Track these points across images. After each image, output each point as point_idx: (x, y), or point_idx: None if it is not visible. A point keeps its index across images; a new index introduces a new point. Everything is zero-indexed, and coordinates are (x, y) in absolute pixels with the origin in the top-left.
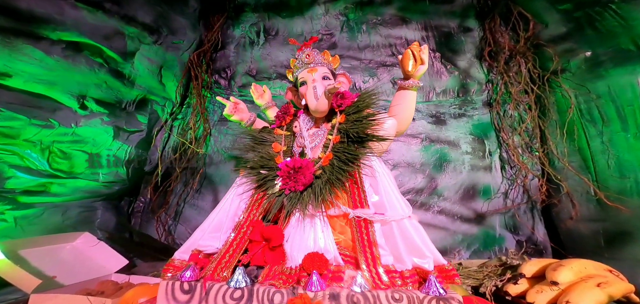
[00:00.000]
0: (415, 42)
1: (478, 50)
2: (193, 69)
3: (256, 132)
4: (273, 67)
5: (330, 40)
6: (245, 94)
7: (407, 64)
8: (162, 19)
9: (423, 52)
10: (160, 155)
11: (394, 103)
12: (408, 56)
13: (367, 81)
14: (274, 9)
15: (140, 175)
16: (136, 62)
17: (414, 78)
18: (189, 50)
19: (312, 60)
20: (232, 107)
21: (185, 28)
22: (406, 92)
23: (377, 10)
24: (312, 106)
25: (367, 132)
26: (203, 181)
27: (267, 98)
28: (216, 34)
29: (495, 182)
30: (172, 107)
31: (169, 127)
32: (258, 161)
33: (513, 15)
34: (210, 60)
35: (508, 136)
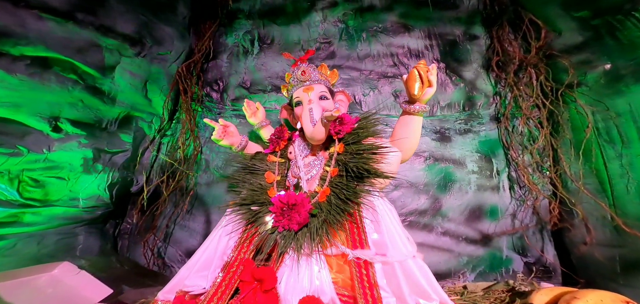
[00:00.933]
0: (422, 61)
1: (485, 59)
2: (182, 82)
3: (248, 158)
4: (268, 79)
5: (328, 49)
6: (238, 108)
7: (413, 87)
8: (145, 28)
9: (431, 73)
10: (147, 176)
11: (398, 129)
12: (414, 78)
13: (367, 94)
14: (269, 15)
15: (126, 197)
16: (117, 77)
17: (420, 102)
18: (177, 62)
19: (307, 77)
20: (221, 131)
21: (173, 38)
22: (411, 118)
23: (377, 17)
24: (308, 132)
25: (368, 168)
26: (194, 202)
27: (260, 116)
28: (207, 42)
29: (503, 202)
30: (160, 124)
31: (157, 145)
32: (249, 194)
33: (524, 23)
34: (200, 71)
35: (517, 154)
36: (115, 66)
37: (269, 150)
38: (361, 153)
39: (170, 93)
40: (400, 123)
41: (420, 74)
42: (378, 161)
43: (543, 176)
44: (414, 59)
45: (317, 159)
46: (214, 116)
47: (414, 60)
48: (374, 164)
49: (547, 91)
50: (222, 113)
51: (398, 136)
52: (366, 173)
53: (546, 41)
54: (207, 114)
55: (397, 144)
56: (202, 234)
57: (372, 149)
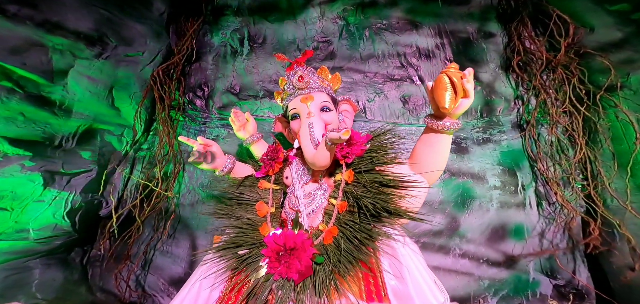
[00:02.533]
0: (453, 64)
1: (503, 59)
2: (157, 88)
3: (236, 183)
4: (260, 83)
5: (327, 49)
6: (226, 117)
7: (443, 98)
8: (108, 25)
9: (467, 79)
10: (119, 197)
11: (420, 149)
12: (443, 86)
13: (372, 99)
14: (260, 11)
15: (94, 221)
16: (70, 83)
17: (451, 117)
18: (151, 64)
19: (306, 84)
20: (200, 152)
21: (146, 36)
22: (438, 137)
23: (381, 12)
24: (309, 156)
25: (388, 207)
26: (177, 225)
27: (250, 129)
28: (189, 42)
29: (529, 221)
30: (133, 136)
31: (130, 161)
32: (236, 235)
33: (551, 18)
34: (181, 75)
35: (545, 166)
36: (68, 70)
37: (261, 174)
38: (378, 186)
39: (143, 101)
40: (424, 142)
41: (452, 82)
42: (401, 196)
43: (574, 192)
44: (424, 59)
45: (320, 188)
46: (198, 125)
47: (424, 61)
48: (395, 201)
49: (581, 94)
50: (207, 122)
51: (419, 158)
52: (385, 213)
53: (575, 38)
54: (190, 124)
55: (418, 168)
56: (188, 261)
57: (393, 182)
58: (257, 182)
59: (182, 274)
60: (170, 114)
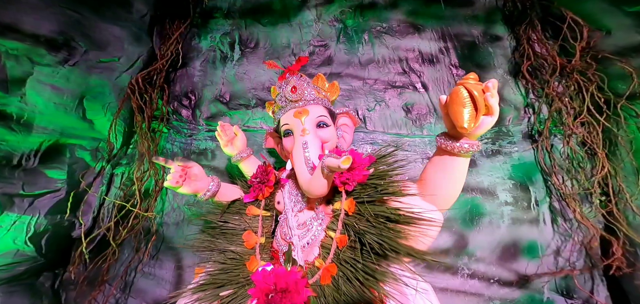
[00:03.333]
0: (472, 75)
1: (511, 64)
2: (136, 97)
3: (221, 208)
4: (252, 91)
5: (324, 54)
6: (215, 129)
7: (461, 115)
8: (76, 28)
9: (491, 93)
10: (95, 216)
11: (431, 172)
12: (460, 101)
13: (372, 108)
14: (252, 14)
15: (66, 243)
16: (29, 94)
17: (470, 137)
18: (130, 71)
19: (300, 95)
20: (177, 175)
21: (123, 40)
22: (453, 160)
23: (380, 15)
24: (303, 183)
25: (397, 246)
26: (160, 246)
27: (239, 145)
28: (175, 46)
29: (543, 238)
30: (109, 151)
31: (107, 177)
32: (218, 271)
33: (564, 21)
34: (165, 82)
35: (561, 180)
36: (26, 79)
37: (249, 198)
38: (384, 220)
39: (119, 111)
40: (436, 165)
41: (471, 95)
42: (412, 234)
43: (593, 208)
44: (427, 64)
45: (316, 217)
46: (184, 138)
47: (427, 67)
48: (406, 239)
49: (600, 103)
50: (194, 134)
51: (431, 184)
52: (394, 254)
53: (589, 42)
54: (175, 137)
55: (427, 186)
56: (173, 283)
57: (403, 219)
58: (245, 208)
59: (167, 297)
60: (151, 125)
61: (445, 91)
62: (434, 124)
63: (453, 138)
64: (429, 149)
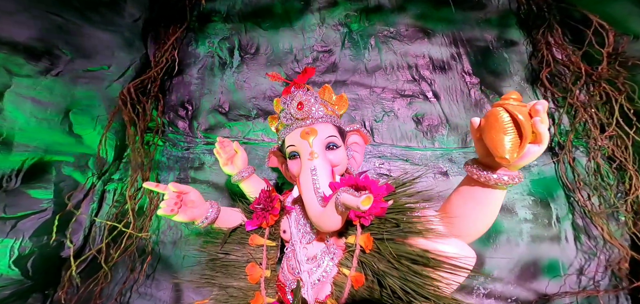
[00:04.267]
0: (513, 94)
1: (529, 71)
2: (128, 109)
3: (222, 237)
4: (253, 100)
5: (328, 60)
6: (214, 142)
7: (501, 144)
8: (59, 34)
9: (541, 117)
10: (87, 235)
11: (458, 202)
12: (501, 125)
13: (380, 119)
14: (252, 18)
15: (55, 264)
16: (8, 108)
17: (510, 168)
18: (121, 80)
19: (307, 113)
20: (172, 202)
21: (113, 47)
22: (488, 193)
23: (387, 18)
24: (313, 216)
25: (425, 292)
26: (156, 265)
27: (240, 163)
28: (170, 52)
29: (565, 256)
30: (100, 167)
31: (98, 194)
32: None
33: (588, 25)
34: (160, 91)
35: (586, 197)
36: (3, 92)
37: (252, 226)
38: (410, 263)
39: (109, 124)
40: (464, 197)
41: (514, 119)
42: (442, 279)
43: (620, 227)
44: (438, 72)
45: (328, 251)
46: (181, 151)
47: (438, 74)
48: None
49: (629, 115)
50: (191, 148)
51: (457, 216)
52: (421, 299)
53: (622, 48)
54: (171, 150)
55: (453, 227)
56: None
57: (433, 263)
58: (247, 237)
59: None
60: (144, 138)
61: (458, 100)
62: (446, 136)
63: (488, 168)
64: (441, 163)
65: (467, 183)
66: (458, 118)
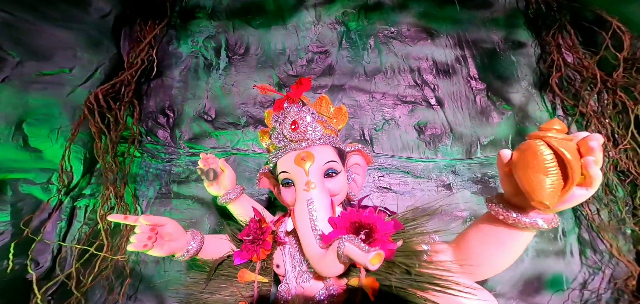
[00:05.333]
0: (556, 122)
1: (536, 75)
2: (95, 118)
3: (206, 269)
4: (242, 107)
5: (324, 62)
6: (198, 153)
7: (541, 188)
8: (8, 33)
9: (595, 158)
10: (56, 256)
11: (479, 244)
12: (541, 164)
13: (380, 128)
14: (241, 14)
15: (20, 288)
16: None
17: (546, 213)
18: (88, 84)
19: (302, 134)
20: (144, 237)
21: (74, 46)
22: (514, 235)
23: (388, 17)
24: (311, 259)
25: None
26: (138, 285)
27: (226, 183)
28: (146, 53)
29: (570, 270)
30: (67, 182)
31: (67, 212)
32: None
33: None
34: (135, 96)
35: (592, 210)
36: None
37: (241, 259)
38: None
39: (74, 136)
40: (486, 238)
41: (559, 156)
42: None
43: (626, 240)
44: (442, 76)
45: (326, 291)
46: (161, 163)
47: (442, 79)
48: None
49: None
50: (174, 159)
51: (476, 257)
52: None
53: (631, 51)
54: (150, 162)
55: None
56: None
57: None
58: (236, 271)
59: None
60: (117, 150)
61: (463, 107)
62: (450, 146)
63: (518, 209)
64: (444, 176)
65: (489, 222)
66: (462, 127)
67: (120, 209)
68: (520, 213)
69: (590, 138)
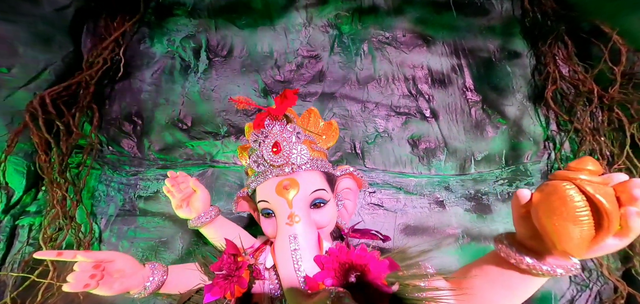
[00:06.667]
0: (591, 162)
1: (531, 88)
2: (39, 127)
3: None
4: (222, 114)
5: (314, 67)
6: (171, 163)
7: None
8: None
9: (638, 209)
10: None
11: (483, 284)
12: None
13: (372, 141)
14: (225, 13)
15: None
16: None
17: (567, 259)
18: (32, 86)
19: (286, 158)
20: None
21: (15, 43)
22: (526, 280)
23: (383, 22)
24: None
25: None
26: None
27: (198, 206)
28: (111, 51)
29: (558, 288)
30: (6, 198)
31: (6, 232)
32: None
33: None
34: (94, 101)
35: None
36: None
37: (212, 296)
38: None
39: (12, 147)
40: (493, 281)
41: (592, 202)
42: None
43: (615, 259)
44: (438, 86)
45: None
46: (125, 177)
47: (437, 89)
48: None
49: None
50: (140, 173)
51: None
52: None
53: (637, 67)
54: (112, 175)
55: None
56: None
57: None
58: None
59: None
60: (68, 163)
61: (457, 120)
62: (443, 161)
63: (534, 253)
64: (438, 192)
65: (497, 264)
66: (457, 141)
67: (70, 231)
68: (535, 259)
69: (635, 185)
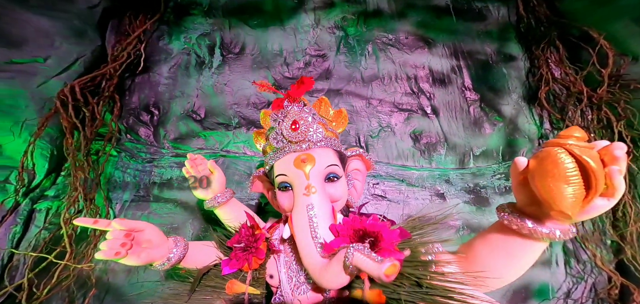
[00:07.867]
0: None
1: (526, 88)
2: (68, 113)
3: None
4: (234, 107)
5: (321, 66)
6: (184, 155)
7: (562, 196)
8: None
9: (619, 166)
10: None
11: (486, 252)
12: (562, 173)
13: (376, 135)
14: (238, 13)
15: None
16: None
17: (564, 223)
18: (63, 76)
19: (303, 135)
20: (116, 243)
21: (52, 35)
22: (527, 245)
23: (387, 25)
24: (312, 271)
25: None
26: (104, 296)
27: (215, 186)
28: (134, 46)
29: (555, 280)
30: (28, 181)
31: (23, 216)
32: None
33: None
34: (116, 91)
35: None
36: None
37: (230, 269)
38: None
39: (41, 131)
40: (496, 248)
41: (581, 164)
42: None
43: (608, 250)
44: (438, 85)
45: None
46: (142, 164)
47: (438, 88)
48: None
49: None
50: (156, 160)
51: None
52: None
53: (623, 69)
54: (129, 162)
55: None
56: None
57: None
58: (224, 282)
59: None
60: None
61: (457, 117)
62: (444, 155)
63: (534, 219)
64: (438, 185)
65: (500, 232)
66: (456, 137)
67: (89, 213)
68: (536, 223)
69: (615, 147)
